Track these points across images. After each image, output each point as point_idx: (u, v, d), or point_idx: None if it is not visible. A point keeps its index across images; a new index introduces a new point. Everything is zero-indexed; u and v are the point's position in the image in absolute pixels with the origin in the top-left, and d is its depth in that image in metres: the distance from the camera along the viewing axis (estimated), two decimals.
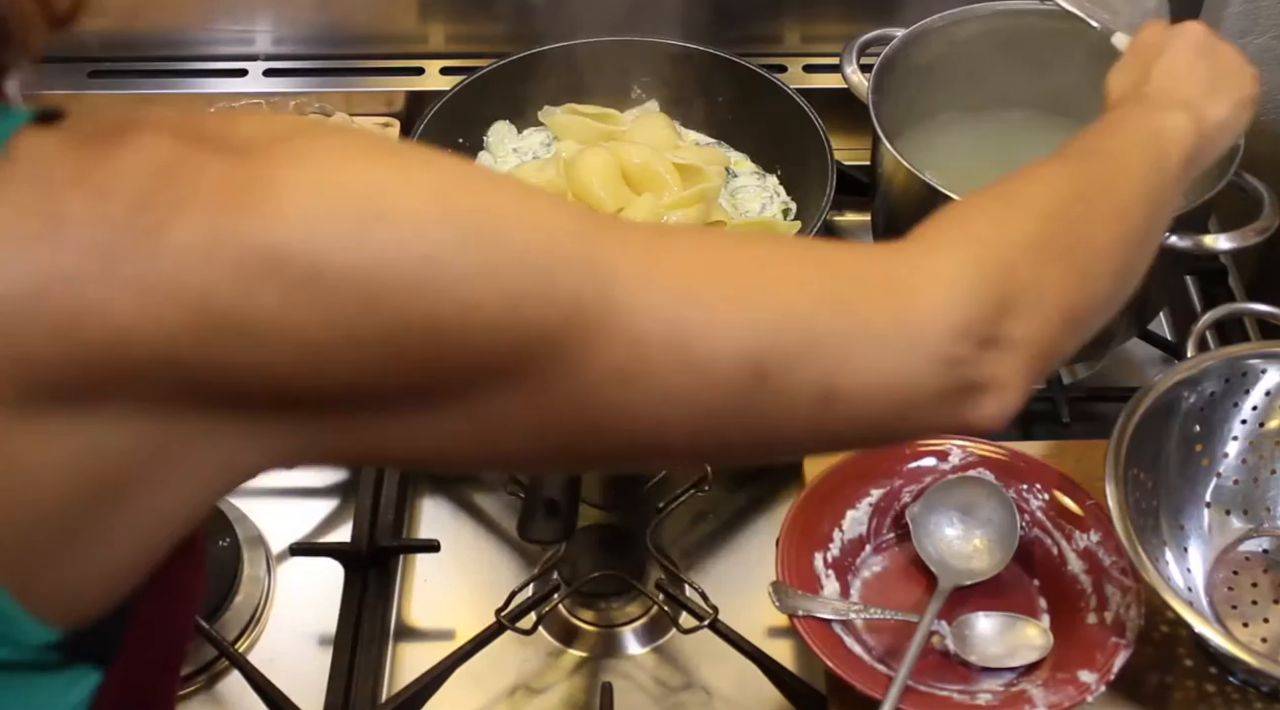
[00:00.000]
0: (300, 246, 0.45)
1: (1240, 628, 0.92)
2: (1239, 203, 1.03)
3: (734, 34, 1.27)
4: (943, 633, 0.91)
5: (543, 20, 1.27)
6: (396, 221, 0.46)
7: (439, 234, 0.47)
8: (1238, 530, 0.97)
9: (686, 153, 1.18)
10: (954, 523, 0.96)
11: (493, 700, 0.96)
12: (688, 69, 1.22)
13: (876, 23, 1.16)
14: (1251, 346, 1.02)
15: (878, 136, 1.06)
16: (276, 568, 1.03)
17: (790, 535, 0.93)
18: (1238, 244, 0.99)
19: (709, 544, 1.05)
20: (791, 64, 1.30)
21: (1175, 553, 0.94)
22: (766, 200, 1.19)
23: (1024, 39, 1.16)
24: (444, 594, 1.03)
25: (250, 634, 0.99)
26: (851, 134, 1.18)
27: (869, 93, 1.07)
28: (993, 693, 0.88)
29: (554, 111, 1.23)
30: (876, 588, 0.95)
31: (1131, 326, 1.12)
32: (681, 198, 1.12)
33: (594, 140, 1.19)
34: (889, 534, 0.98)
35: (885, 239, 1.14)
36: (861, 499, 0.97)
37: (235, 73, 1.31)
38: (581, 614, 1.00)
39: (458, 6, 1.31)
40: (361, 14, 1.31)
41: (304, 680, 0.94)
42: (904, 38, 1.12)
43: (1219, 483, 0.96)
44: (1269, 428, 0.96)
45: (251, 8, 1.30)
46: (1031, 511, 0.96)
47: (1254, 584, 0.95)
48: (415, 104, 1.28)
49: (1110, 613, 0.89)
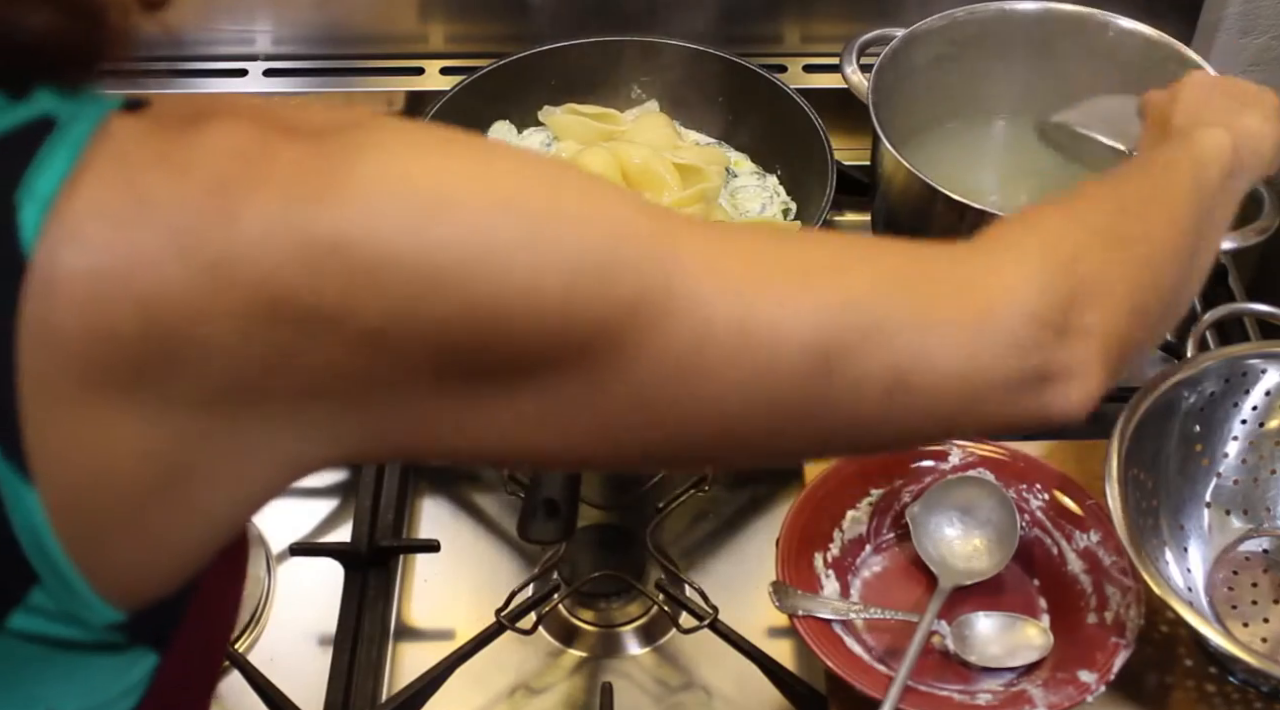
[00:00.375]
0: (364, 235, 0.45)
1: (1240, 628, 0.92)
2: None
3: (734, 34, 1.27)
4: (943, 633, 0.91)
5: (543, 20, 1.27)
6: (461, 213, 0.47)
7: (503, 226, 0.47)
8: (1238, 530, 0.97)
9: (686, 153, 1.18)
10: (954, 523, 0.96)
11: (493, 700, 0.96)
12: (688, 69, 1.22)
13: (876, 23, 1.16)
14: (1251, 346, 1.02)
15: (878, 136, 1.06)
16: (276, 568, 1.03)
17: (790, 535, 0.93)
18: (1238, 244, 0.99)
19: (709, 544, 1.05)
20: (791, 64, 1.30)
21: (1175, 553, 0.94)
22: (766, 200, 1.19)
23: (1024, 39, 1.16)
24: (444, 594, 1.03)
25: (250, 634, 0.99)
26: (851, 134, 1.18)
27: (869, 93, 1.07)
28: (993, 693, 0.88)
29: (554, 111, 1.23)
30: (876, 588, 0.95)
31: None
32: (681, 198, 1.12)
33: (594, 140, 1.19)
34: (889, 534, 0.98)
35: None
36: (861, 499, 0.97)
37: (235, 73, 1.31)
38: (581, 614, 1.00)
39: (458, 6, 1.31)
40: (361, 14, 1.31)
41: (304, 680, 0.94)
42: (904, 38, 1.12)
43: (1219, 483, 0.97)
44: (1269, 428, 0.96)
45: (251, 8, 1.30)
46: (1031, 511, 0.96)
47: (1254, 584, 0.95)
48: (415, 104, 1.28)
49: (1110, 613, 0.89)
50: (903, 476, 0.98)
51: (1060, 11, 1.15)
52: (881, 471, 0.98)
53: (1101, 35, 1.14)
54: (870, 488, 0.97)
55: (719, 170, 1.18)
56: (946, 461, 0.98)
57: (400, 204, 0.46)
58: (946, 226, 1.04)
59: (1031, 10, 1.15)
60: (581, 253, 0.49)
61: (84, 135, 0.45)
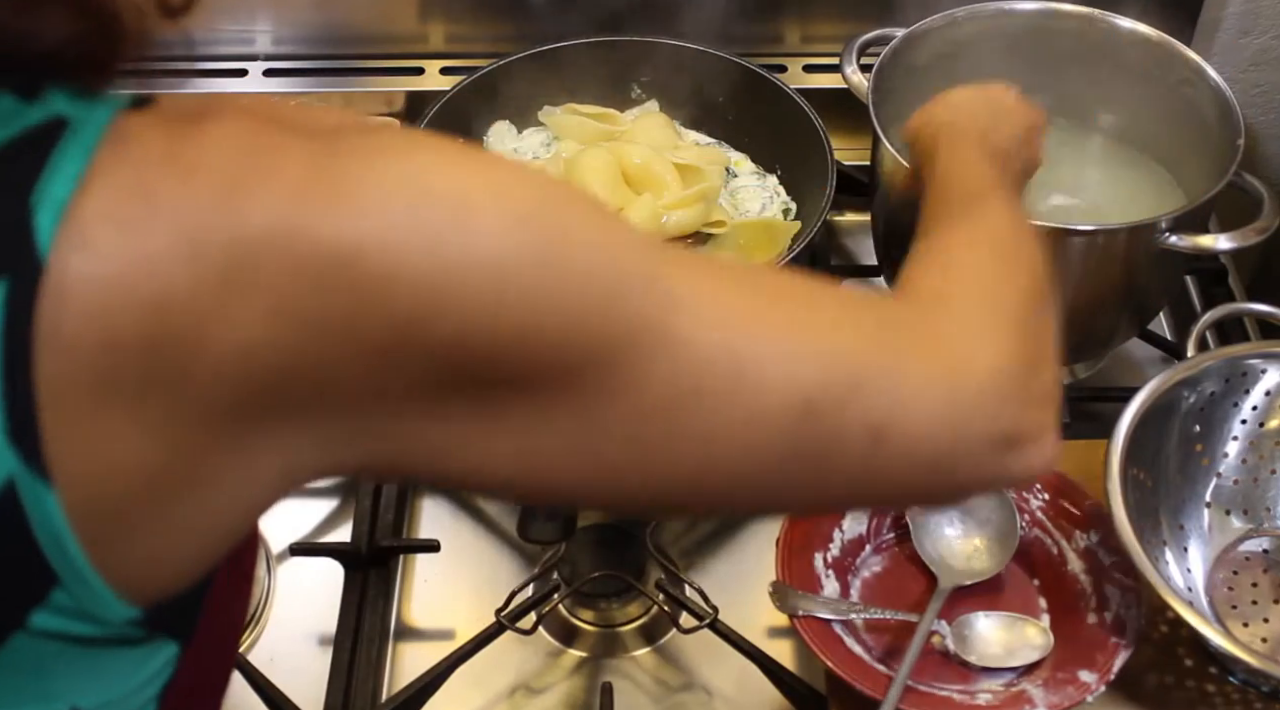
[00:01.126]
0: (378, 245, 0.45)
1: (1240, 628, 0.93)
2: (1239, 203, 1.03)
3: (734, 34, 1.27)
4: (943, 633, 0.91)
5: (543, 20, 1.27)
6: (479, 228, 0.47)
7: (514, 249, 0.47)
8: (1238, 530, 0.97)
9: (686, 153, 1.18)
10: (954, 523, 0.96)
11: (493, 700, 0.96)
12: (688, 69, 1.22)
13: (876, 23, 1.16)
14: (1251, 346, 1.02)
15: (878, 136, 1.06)
16: (276, 568, 1.03)
17: (790, 535, 0.93)
18: (1238, 244, 0.99)
19: (709, 544, 1.05)
20: (791, 64, 1.30)
21: (1175, 553, 0.94)
22: (766, 200, 1.19)
23: (1024, 39, 1.16)
24: (444, 594, 1.03)
25: (250, 634, 0.99)
26: (851, 134, 1.18)
27: (869, 93, 1.07)
28: (993, 693, 0.88)
29: (554, 111, 1.23)
30: (876, 588, 0.95)
31: (1131, 326, 1.12)
32: (681, 198, 1.12)
33: (594, 140, 1.19)
34: (889, 534, 0.98)
35: (885, 239, 1.14)
36: None
37: (235, 73, 1.31)
38: (581, 614, 1.00)
39: (458, 6, 1.30)
40: (361, 14, 1.31)
41: (304, 680, 0.94)
42: (904, 38, 1.12)
43: (1219, 483, 0.97)
44: (1269, 428, 0.96)
45: (251, 8, 1.30)
46: (1031, 511, 0.96)
47: (1254, 584, 0.95)
48: (415, 104, 1.28)
49: (1110, 613, 0.89)
50: None
51: (1060, 11, 1.15)
52: None
53: (1101, 35, 1.14)
54: None
55: (719, 170, 1.18)
56: None
57: (417, 216, 0.46)
58: None
59: (1031, 10, 1.15)
60: (590, 277, 0.49)
61: (95, 137, 0.45)
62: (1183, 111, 1.11)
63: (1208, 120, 1.08)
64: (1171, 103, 1.12)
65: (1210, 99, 1.08)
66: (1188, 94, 1.10)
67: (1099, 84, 1.16)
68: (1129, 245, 1.00)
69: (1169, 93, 1.12)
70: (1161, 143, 1.14)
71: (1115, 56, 1.14)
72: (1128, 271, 1.04)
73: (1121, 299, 1.07)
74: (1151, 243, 0.99)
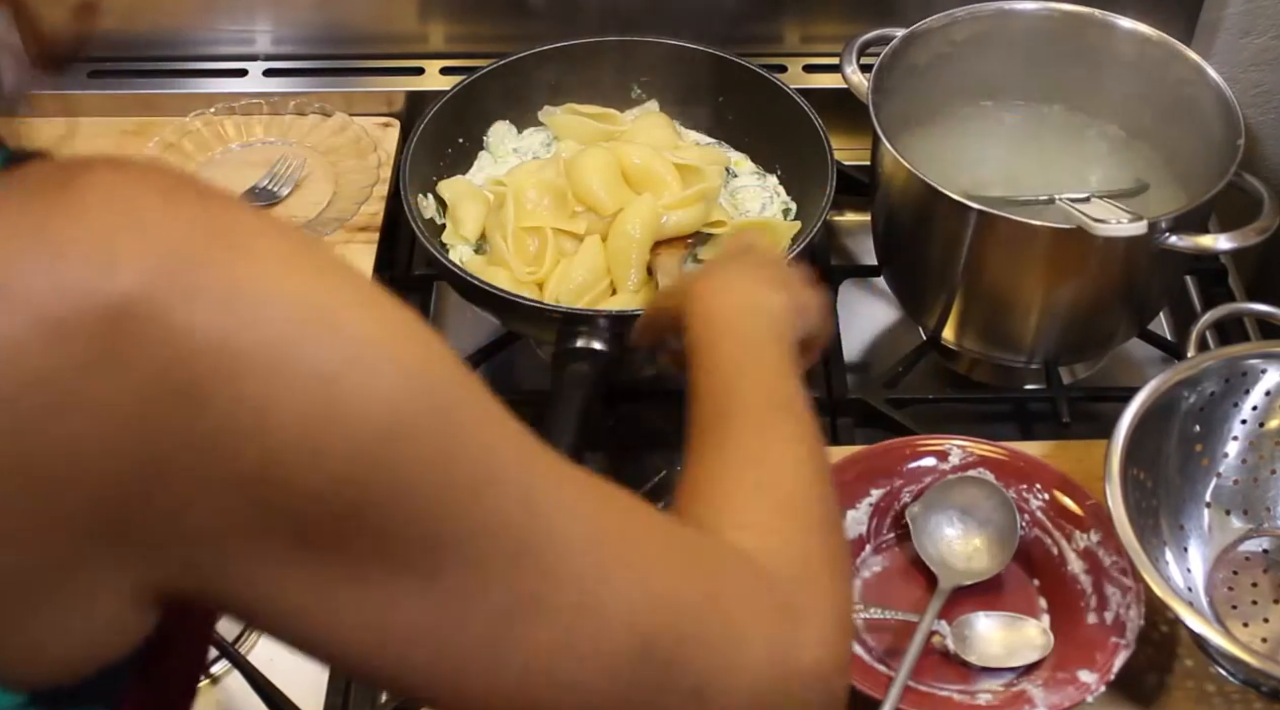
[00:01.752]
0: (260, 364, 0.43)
1: (1240, 628, 0.93)
2: (1239, 203, 1.03)
3: (734, 34, 1.27)
4: (943, 633, 0.91)
5: (543, 20, 1.27)
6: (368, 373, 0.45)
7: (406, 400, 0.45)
8: (1238, 530, 0.97)
9: (686, 153, 1.18)
10: (954, 523, 0.96)
11: None
12: (688, 69, 1.22)
13: (876, 23, 1.16)
14: (1251, 346, 1.02)
15: (878, 136, 1.06)
16: None
17: None
18: (1238, 244, 0.99)
19: None
20: (791, 64, 1.31)
21: (1175, 553, 0.94)
22: (766, 200, 1.19)
23: (1024, 39, 1.16)
24: None
25: (250, 634, 0.99)
26: (851, 134, 1.18)
27: (869, 93, 1.07)
28: (993, 693, 0.88)
29: (554, 111, 1.23)
30: (876, 588, 0.95)
31: (1131, 326, 1.12)
32: (681, 198, 1.12)
33: (594, 140, 1.19)
34: (889, 534, 0.98)
35: (885, 239, 1.15)
36: (861, 499, 0.97)
37: (235, 73, 1.31)
38: None
39: (458, 6, 1.31)
40: (361, 14, 1.31)
41: (304, 680, 0.94)
42: (904, 38, 1.12)
43: (1219, 483, 0.97)
44: (1269, 428, 0.96)
45: (251, 8, 1.30)
46: (1031, 511, 0.96)
47: (1254, 584, 0.95)
48: (415, 104, 1.28)
49: (1110, 613, 0.89)
50: (902, 477, 0.98)
51: (1060, 11, 1.15)
52: (881, 471, 0.98)
53: (1101, 35, 1.14)
54: (870, 488, 0.98)
55: (719, 170, 1.18)
56: (947, 461, 0.98)
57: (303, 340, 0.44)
58: (947, 226, 1.04)
59: (1031, 10, 1.15)
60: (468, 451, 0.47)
61: None
62: (1183, 112, 1.11)
63: (1208, 120, 1.08)
64: (1171, 103, 1.12)
65: (1210, 99, 1.08)
66: (1188, 94, 1.10)
67: (1099, 84, 1.16)
68: (1129, 245, 1.00)
69: (1169, 93, 1.12)
70: (1161, 143, 1.14)
71: (1115, 56, 1.14)
72: (1128, 271, 1.04)
73: (1121, 299, 1.07)
74: (1151, 243, 0.99)
